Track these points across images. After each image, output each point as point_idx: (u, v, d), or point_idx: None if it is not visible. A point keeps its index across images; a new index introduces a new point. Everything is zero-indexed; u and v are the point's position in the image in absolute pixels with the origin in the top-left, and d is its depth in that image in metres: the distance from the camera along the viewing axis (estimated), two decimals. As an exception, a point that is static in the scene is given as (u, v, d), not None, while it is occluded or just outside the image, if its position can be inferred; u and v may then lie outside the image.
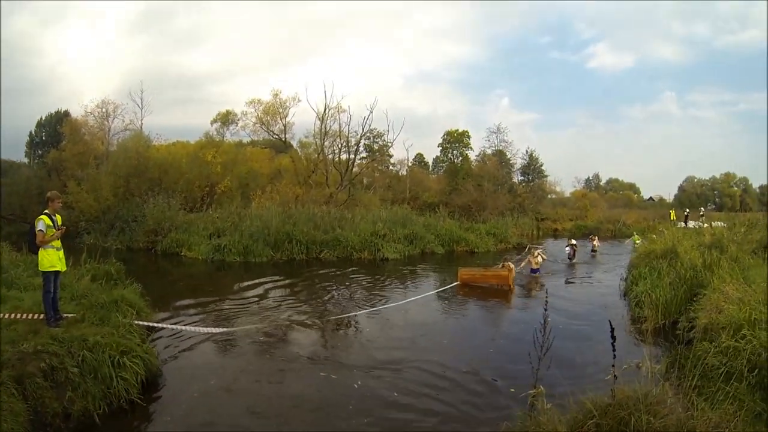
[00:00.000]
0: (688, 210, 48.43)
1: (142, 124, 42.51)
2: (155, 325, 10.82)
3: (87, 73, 79.61)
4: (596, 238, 29.53)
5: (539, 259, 20.35)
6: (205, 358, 9.67)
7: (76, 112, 43.62)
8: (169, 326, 11.15)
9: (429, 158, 70.64)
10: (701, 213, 46.88)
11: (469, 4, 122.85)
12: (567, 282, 19.27)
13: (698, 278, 12.36)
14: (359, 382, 8.41)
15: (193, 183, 36.53)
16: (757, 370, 6.84)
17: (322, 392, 8.11)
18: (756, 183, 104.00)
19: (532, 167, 59.06)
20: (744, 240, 15.93)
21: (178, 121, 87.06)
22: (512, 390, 7.89)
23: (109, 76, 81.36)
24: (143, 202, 29.82)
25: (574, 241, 25.02)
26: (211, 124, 46.88)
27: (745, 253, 14.01)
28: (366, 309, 14.27)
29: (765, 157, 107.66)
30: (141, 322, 9.98)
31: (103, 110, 41.47)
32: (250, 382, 8.45)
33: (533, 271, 19.93)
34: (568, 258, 24.06)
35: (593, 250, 27.53)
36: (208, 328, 11.31)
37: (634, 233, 34.77)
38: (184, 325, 11.59)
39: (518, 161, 58.66)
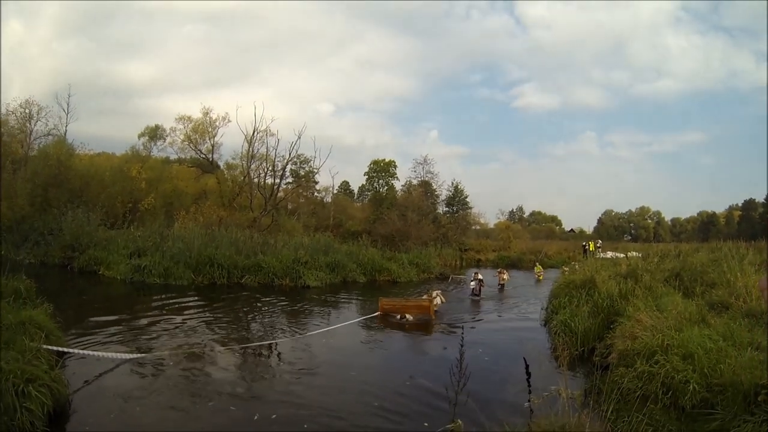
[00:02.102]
0: (585, 243, 50.26)
1: (66, 130, 40.91)
2: (65, 350, 10.44)
3: (15, 70, 76.37)
4: (505, 271, 28.78)
5: (437, 300, 19.36)
6: (117, 387, 9.41)
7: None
8: (80, 351, 10.84)
9: (354, 186, 71.00)
10: (598, 244, 48.96)
11: (406, 39, 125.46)
12: (474, 321, 18.58)
13: (614, 307, 12.98)
14: (257, 416, 8.40)
15: (116, 198, 35.63)
16: (670, 392, 7.45)
17: (231, 424, 8.11)
18: (668, 216, 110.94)
19: (457, 199, 59.78)
20: (657, 269, 16.63)
21: (104, 132, 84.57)
22: (426, 424, 8.07)
23: (37, 77, 78.16)
24: (61, 214, 28.62)
25: (480, 276, 24.11)
26: (139, 138, 45.32)
27: (657, 282, 14.63)
28: (284, 338, 14.33)
29: (675, 192, 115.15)
30: (50, 347, 9.57)
31: (26, 111, 39.59)
32: (159, 415, 8.34)
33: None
34: (473, 294, 23.12)
35: (501, 284, 27.03)
36: (122, 354, 11.04)
37: (536, 264, 36.41)
38: (97, 350, 11.29)
39: (443, 192, 59.29)
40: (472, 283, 23.38)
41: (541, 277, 33.08)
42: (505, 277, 27.43)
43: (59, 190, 32.53)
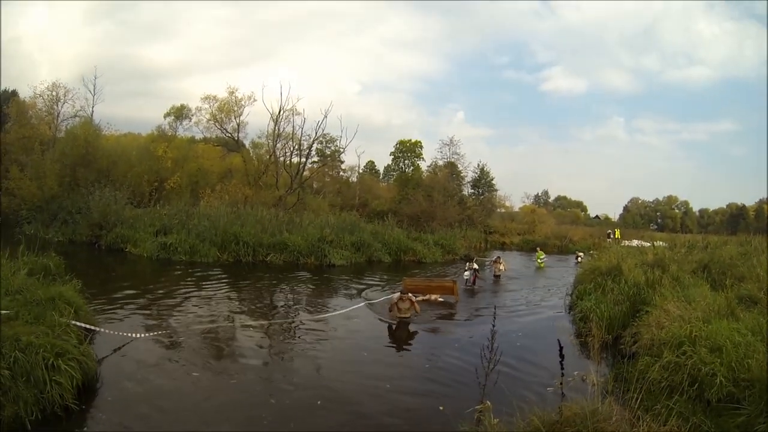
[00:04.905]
0: (610, 231, 50.23)
1: (93, 111, 41.20)
2: (93, 327, 10.46)
3: (42, 56, 77.28)
4: (502, 260, 25.85)
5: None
6: (143, 361, 9.49)
7: (25, 93, 42.13)
8: (108, 331, 10.84)
9: (380, 166, 70.92)
10: (608, 232, 50.43)
11: (432, 19, 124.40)
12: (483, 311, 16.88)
13: (641, 295, 12.79)
14: (275, 389, 8.46)
15: (142, 177, 35.96)
16: (696, 384, 7.24)
17: (254, 399, 8.11)
18: (696, 206, 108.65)
19: (483, 181, 59.34)
20: (684, 260, 16.47)
21: (130, 114, 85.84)
22: (441, 408, 8.00)
23: (64, 61, 78.91)
24: (89, 193, 28.91)
25: (476, 266, 21.98)
26: (164, 117, 45.37)
27: (685, 272, 14.44)
28: (307, 316, 14.41)
29: (704, 182, 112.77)
30: (79, 324, 9.60)
31: (54, 93, 40.16)
32: (182, 388, 8.45)
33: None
34: (467, 284, 20.97)
35: (496, 275, 24.66)
36: (150, 330, 11.28)
37: (537, 249, 34.88)
38: (123, 324, 11.54)
39: (469, 174, 58.79)
40: (467, 273, 21.56)
41: (542, 265, 31.23)
42: (502, 267, 25.11)
43: (87, 169, 32.84)
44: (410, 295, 14.83)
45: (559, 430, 5.06)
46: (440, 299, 17.50)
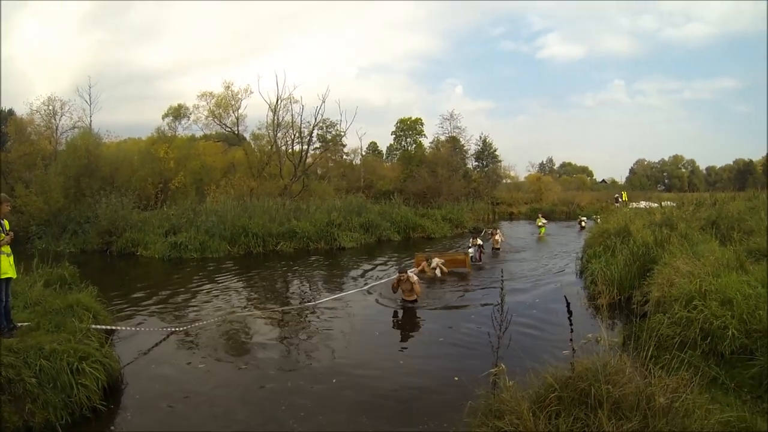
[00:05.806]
0: (618, 194, 50.88)
1: (91, 121, 41.02)
2: (112, 327, 10.66)
3: (35, 72, 77.31)
4: (498, 231, 25.31)
5: (438, 272, 17.53)
6: (164, 357, 9.71)
7: (21, 111, 42.23)
8: (127, 328, 11.09)
9: (383, 146, 71.09)
10: (616, 196, 51.12)
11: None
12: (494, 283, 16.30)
13: (650, 254, 12.87)
14: (290, 383, 8.44)
15: (146, 180, 35.86)
16: (709, 338, 7.37)
17: (270, 385, 8.30)
18: (703, 164, 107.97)
19: (486, 153, 59.49)
20: (692, 218, 16.50)
21: (128, 119, 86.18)
22: (456, 378, 8.14)
23: (58, 75, 79.25)
24: (95, 202, 28.83)
25: (479, 241, 21.46)
26: (163, 118, 45.55)
27: (693, 230, 14.48)
28: (318, 300, 14.57)
29: (710, 140, 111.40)
30: (98, 326, 9.77)
31: (50, 108, 39.91)
32: (202, 381, 8.59)
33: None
34: (473, 261, 19.90)
35: (495, 248, 24.11)
36: (167, 327, 11.51)
37: (539, 215, 34.98)
38: (141, 325, 11.69)
39: (472, 147, 58.98)
40: (471, 249, 20.82)
41: (542, 230, 31.91)
42: (498, 239, 24.55)
43: (91, 179, 32.65)
44: (410, 274, 13.68)
45: (573, 384, 5.15)
46: (444, 268, 17.56)
